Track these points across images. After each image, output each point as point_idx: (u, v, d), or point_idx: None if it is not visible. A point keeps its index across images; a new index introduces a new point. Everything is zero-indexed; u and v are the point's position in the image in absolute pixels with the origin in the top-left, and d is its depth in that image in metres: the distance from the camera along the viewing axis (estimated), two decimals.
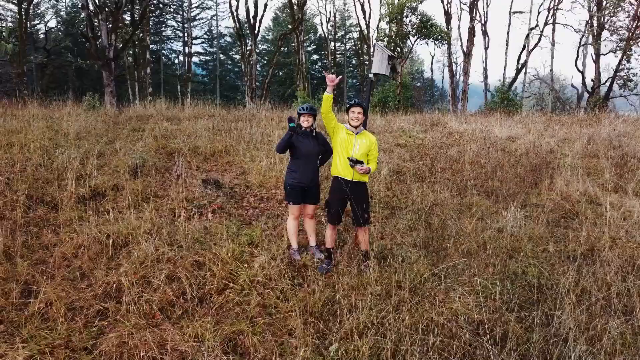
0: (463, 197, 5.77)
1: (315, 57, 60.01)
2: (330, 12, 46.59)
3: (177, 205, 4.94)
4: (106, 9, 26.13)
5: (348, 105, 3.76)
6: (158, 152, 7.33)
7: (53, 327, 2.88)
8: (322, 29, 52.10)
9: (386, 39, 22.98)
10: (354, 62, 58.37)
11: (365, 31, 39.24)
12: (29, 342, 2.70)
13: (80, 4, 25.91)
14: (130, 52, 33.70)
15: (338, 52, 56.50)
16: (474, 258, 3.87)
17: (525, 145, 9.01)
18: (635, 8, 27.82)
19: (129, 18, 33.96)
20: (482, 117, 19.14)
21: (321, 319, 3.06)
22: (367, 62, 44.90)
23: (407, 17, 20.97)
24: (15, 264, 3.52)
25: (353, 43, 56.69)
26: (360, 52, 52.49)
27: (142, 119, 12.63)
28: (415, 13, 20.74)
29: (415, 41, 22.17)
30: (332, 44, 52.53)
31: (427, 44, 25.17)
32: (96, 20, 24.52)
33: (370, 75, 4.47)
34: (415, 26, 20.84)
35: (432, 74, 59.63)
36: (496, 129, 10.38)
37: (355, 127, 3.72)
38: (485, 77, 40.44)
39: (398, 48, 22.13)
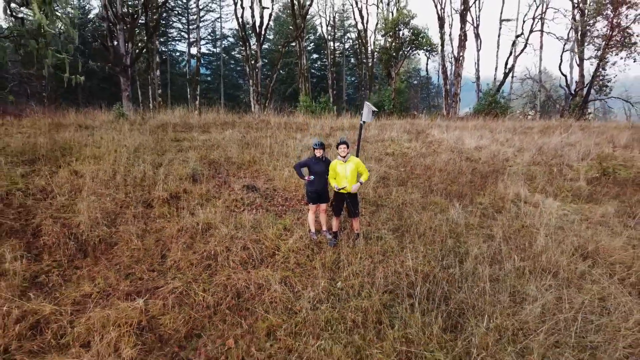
0: (428, 197, 8.10)
1: (315, 56, 61.68)
2: (329, 15, 48.43)
3: (230, 203, 7.26)
4: (123, 20, 28.21)
5: (337, 143, 6.03)
6: (202, 162, 9.62)
7: (184, 273, 5.21)
8: (322, 30, 53.88)
9: (381, 50, 25.19)
10: (352, 60, 60.23)
11: (363, 34, 41.32)
12: (174, 280, 5.03)
13: (100, 15, 27.96)
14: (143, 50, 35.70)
15: (337, 52, 58.27)
16: (426, 237, 6.22)
17: (487, 155, 11.34)
18: (611, 19, 30.06)
19: (142, 20, 35.85)
20: (467, 120, 21.49)
21: (331, 269, 5.40)
22: (364, 61, 46.90)
23: (400, 30, 23.15)
24: (149, 240, 5.85)
25: (351, 43, 58.49)
26: (358, 51, 54.21)
27: (169, 127, 14.81)
28: (408, 27, 22.93)
29: (408, 52, 24.44)
30: (332, 44, 54.38)
31: (419, 54, 27.40)
32: (114, 30, 26.58)
33: (361, 122, 6.75)
34: (408, 39, 23.06)
35: (427, 73, 61.70)
36: (467, 140, 12.69)
37: (343, 157, 5.99)
38: (478, 78, 42.56)
39: (393, 58, 24.40)
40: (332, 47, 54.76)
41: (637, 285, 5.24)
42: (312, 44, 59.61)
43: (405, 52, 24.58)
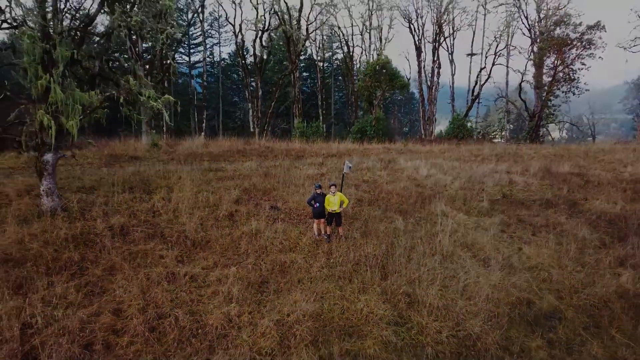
0: (386, 213, 13.04)
1: (305, 74, 66.85)
2: (319, 41, 53.74)
3: (265, 218, 12.09)
4: (143, 57, 32.96)
5: (330, 185, 10.94)
6: (238, 189, 14.41)
7: (251, 256, 10.02)
8: (312, 52, 59.04)
9: (362, 87, 30.45)
10: (340, 78, 65.59)
11: (349, 60, 46.63)
12: (248, 258, 9.84)
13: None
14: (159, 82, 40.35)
15: (326, 73, 63.51)
16: (378, 237, 11.14)
17: (432, 182, 16.39)
18: (556, 57, 35.83)
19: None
20: (437, 143, 26.63)
21: (327, 253, 10.27)
22: (352, 81, 52.23)
23: (378, 72, 28.37)
24: (227, 240, 10.66)
25: (338, 64, 63.88)
26: (345, 72, 59.40)
27: (198, 156, 19.48)
28: (385, 70, 28.16)
29: (384, 90, 29.81)
30: (321, 64, 59.59)
31: (395, 92, 32.75)
32: (136, 66, 31.24)
33: (343, 173, 11.65)
34: (384, 79, 28.33)
35: (408, 92, 67.44)
36: (421, 169, 17.76)
37: (333, 193, 10.88)
38: (453, 100, 48.17)
39: (372, 95, 29.70)
40: (322, 67, 59.98)
41: (484, 260, 10.24)
42: (303, 64, 64.76)
43: (384, 90, 29.84)
